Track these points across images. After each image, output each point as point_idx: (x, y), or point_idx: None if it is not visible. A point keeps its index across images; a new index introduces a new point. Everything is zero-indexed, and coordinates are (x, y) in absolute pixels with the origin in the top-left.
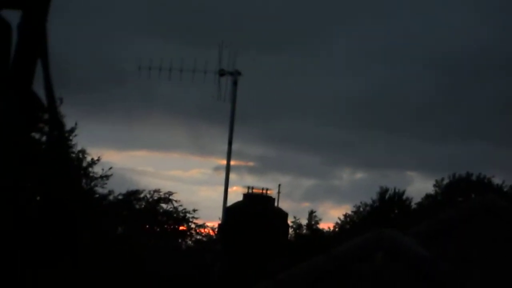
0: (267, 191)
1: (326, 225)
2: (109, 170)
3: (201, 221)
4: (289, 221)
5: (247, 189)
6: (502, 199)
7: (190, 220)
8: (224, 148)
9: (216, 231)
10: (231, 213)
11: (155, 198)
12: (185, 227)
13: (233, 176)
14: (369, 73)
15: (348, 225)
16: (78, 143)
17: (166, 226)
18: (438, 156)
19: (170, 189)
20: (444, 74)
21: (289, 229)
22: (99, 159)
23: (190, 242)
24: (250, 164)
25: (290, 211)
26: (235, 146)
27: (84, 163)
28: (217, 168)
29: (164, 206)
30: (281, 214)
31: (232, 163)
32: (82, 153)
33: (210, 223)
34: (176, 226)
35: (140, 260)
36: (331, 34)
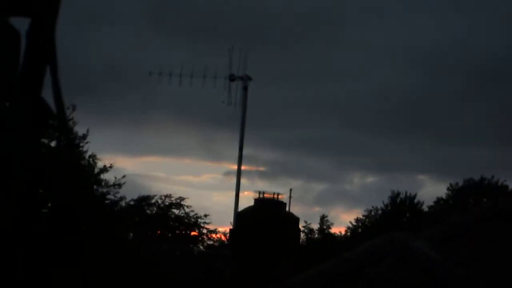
0: (278, 196)
1: (338, 230)
2: (122, 179)
3: (213, 226)
4: (301, 226)
5: (258, 194)
6: None
7: (202, 226)
8: (235, 153)
9: (228, 236)
10: (243, 218)
11: (167, 204)
12: (197, 233)
13: (244, 181)
14: (379, 75)
15: (360, 229)
16: (90, 150)
17: (178, 232)
18: (449, 160)
19: (182, 194)
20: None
21: (301, 234)
22: (112, 166)
23: (202, 247)
24: (261, 169)
25: (302, 216)
26: (246, 151)
27: (96, 169)
28: (228, 173)
29: (176, 212)
30: (293, 219)
31: (243, 168)
32: (93, 159)
33: (222, 228)
34: (188, 232)
35: (152, 265)
36: (343, 35)
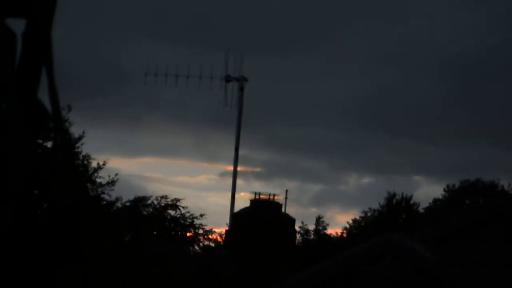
0: (274, 197)
1: (334, 231)
2: (115, 176)
3: (209, 227)
4: (297, 227)
5: (254, 195)
6: (510, 204)
7: (198, 226)
8: (231, 154)
9: (224, 237)
10: (239, 219)
11: (163, 205)
12: (192, 233)
13: (240, 182)
14: (375, 76)
15: (356, 230)
16: (85, 150)
17: (174, 232)
18: (445, 161)
19: (178, 195)
20: (452, 76)
21: (297, 235)
22: (105, 164)
23: (198, 249)
24: (257, 170)
25: (298, 217)
26: (242, 152)
27: (90, 169)
28: (224, 174)
29: (172, 213)
30: (289, 220)
31: (239, 169)
32: (87, 159)
33: (218, 229)
34: (184, 232)
35: (148, 266)
36: (336, 37)
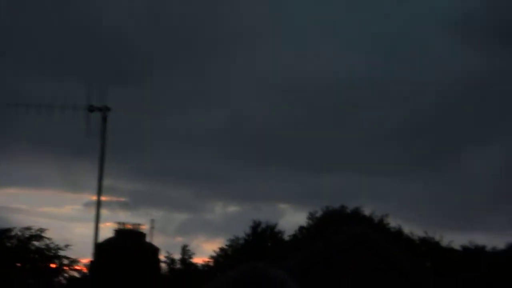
0: (139, 226)
1: (200, 259)
2: None
3: (74, 258)
4: (162, 256)
5: (118, 225)
6: (373, 231)
7: (62, 257)
8: (95, 184)
9: (88, 268)
10: (103, 249)
11: (27, 236)
12: (57, 264)
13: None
14: (237, 105)
15: (222, 259)
16: None
17: (39, 264)
18: (310, 188)
19: (44, 226)
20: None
21: (162, 264)
22: None
23: (62, 279)
24: (122, 200)
25: (164, 246)
26: (108, 182)
27: None
28: (89, 204)
29: (36, 243)
30: (152, 249)
31: (105, 199)
32: None
33: (84, 260)
34: (48, 264)
35: None
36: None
